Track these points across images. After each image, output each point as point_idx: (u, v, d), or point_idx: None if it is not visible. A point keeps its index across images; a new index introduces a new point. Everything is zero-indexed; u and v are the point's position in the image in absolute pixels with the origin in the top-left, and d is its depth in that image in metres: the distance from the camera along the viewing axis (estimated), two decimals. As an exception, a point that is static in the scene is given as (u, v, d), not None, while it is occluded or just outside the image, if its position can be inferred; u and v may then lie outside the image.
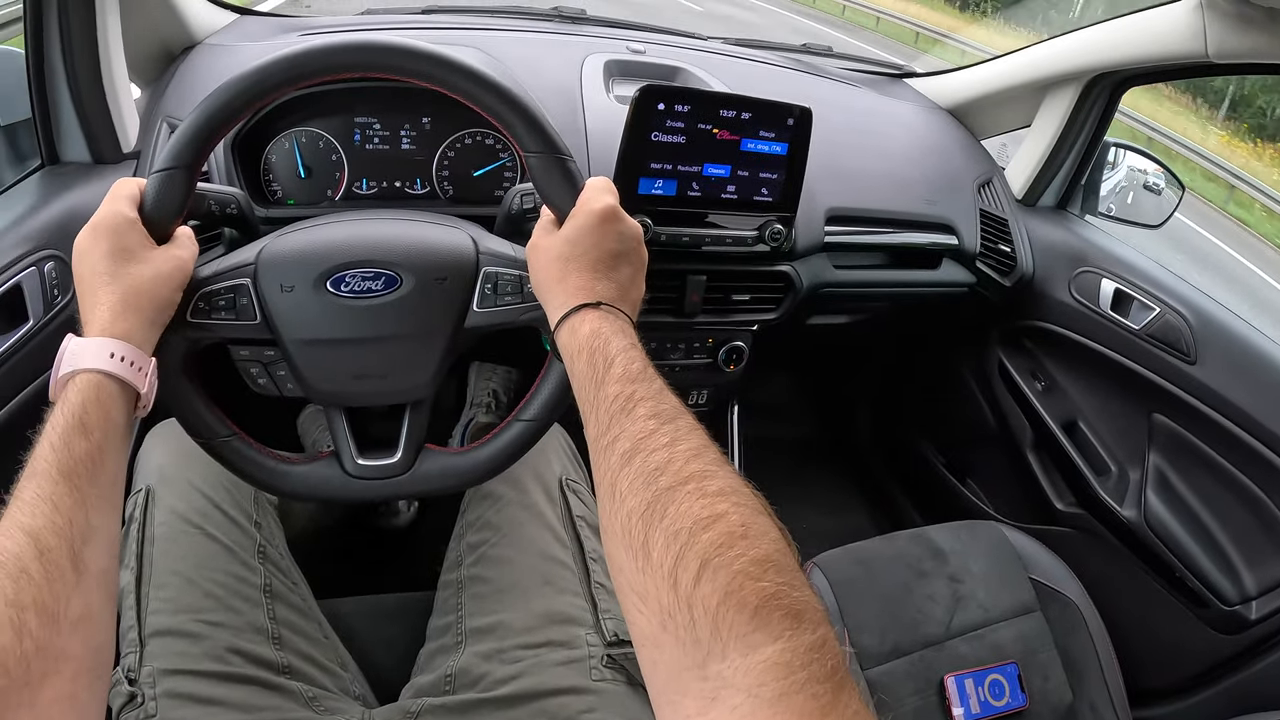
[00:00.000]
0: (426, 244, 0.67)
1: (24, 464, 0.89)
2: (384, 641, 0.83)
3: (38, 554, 0.43)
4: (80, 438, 0.48)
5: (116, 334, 0.54)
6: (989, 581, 1.00)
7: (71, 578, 0.44)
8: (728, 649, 0.36)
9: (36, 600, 0.42)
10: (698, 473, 0.43)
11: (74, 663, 0.43)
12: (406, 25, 1.20)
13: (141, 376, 0.55)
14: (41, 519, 0.45)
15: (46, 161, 0.94)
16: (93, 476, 0.48)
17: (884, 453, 1.62)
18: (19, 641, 0.40)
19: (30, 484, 0.46)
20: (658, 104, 0.85)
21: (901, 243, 1.09)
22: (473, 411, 1.33)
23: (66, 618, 0.43)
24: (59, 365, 0.52)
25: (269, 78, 0.60)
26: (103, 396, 0.51)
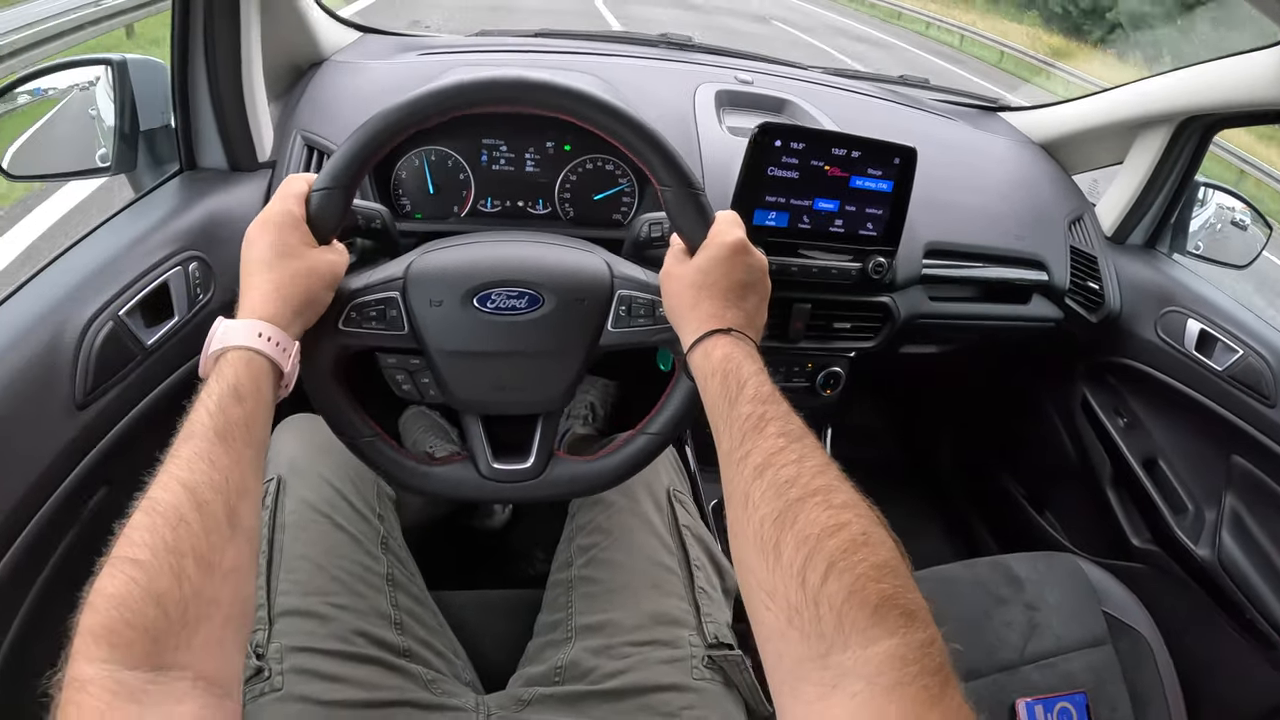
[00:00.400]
0: (567, 267, 0.72)
1: (171, 444, 0.98)
2: (490, 634, 0.88)
3: (195, 506, 0.47)
4: (235, 404, 0.53)
5: (264, 316, 0.59)
6: (1063, 612, 1.03)
7: (226, 530, 0.48)
8: (849, 642, 0.41)
9: (195, 548, 0.45)
10: (824, 486, 0.49)
11: (224, 610, 0.46)
12: (522, 49, 1.26)
13: (285, 357, 0.60)
14: (200, 475, 0.48)
15: (185, 167, 1.01)
16: (246, 439, 0.53)
17: (964, 480, 1.63)
18: (178, 585, 0.44)
19: (187, 444, 0.50)
20: (775, 141, 0.89)
21: (994, 277, 1.11)
22: (570, 423, 1.36)
23: (220, 567, 0.47)
24: (210, 343, 0.57)
25: (424, 109, 0.65)
26: (253, 370, 0.56)
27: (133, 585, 0.42)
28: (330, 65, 1.14)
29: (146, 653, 0.41)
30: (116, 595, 0.42)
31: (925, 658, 0.40)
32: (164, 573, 0.44)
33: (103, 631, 0.41)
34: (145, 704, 0.39)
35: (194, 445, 0.50)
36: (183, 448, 0.50)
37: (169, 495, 0.47)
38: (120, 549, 0.44)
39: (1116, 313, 1.21)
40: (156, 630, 0.42)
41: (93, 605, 0.42)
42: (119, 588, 0.42)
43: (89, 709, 0.38)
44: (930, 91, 1.44)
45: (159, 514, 0.46)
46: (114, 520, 0.85)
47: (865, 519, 0.47)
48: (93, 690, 0.39)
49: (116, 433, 0.79)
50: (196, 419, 0.52)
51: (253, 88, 0.97)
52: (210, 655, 0.44)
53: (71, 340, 0.74)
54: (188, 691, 0.42)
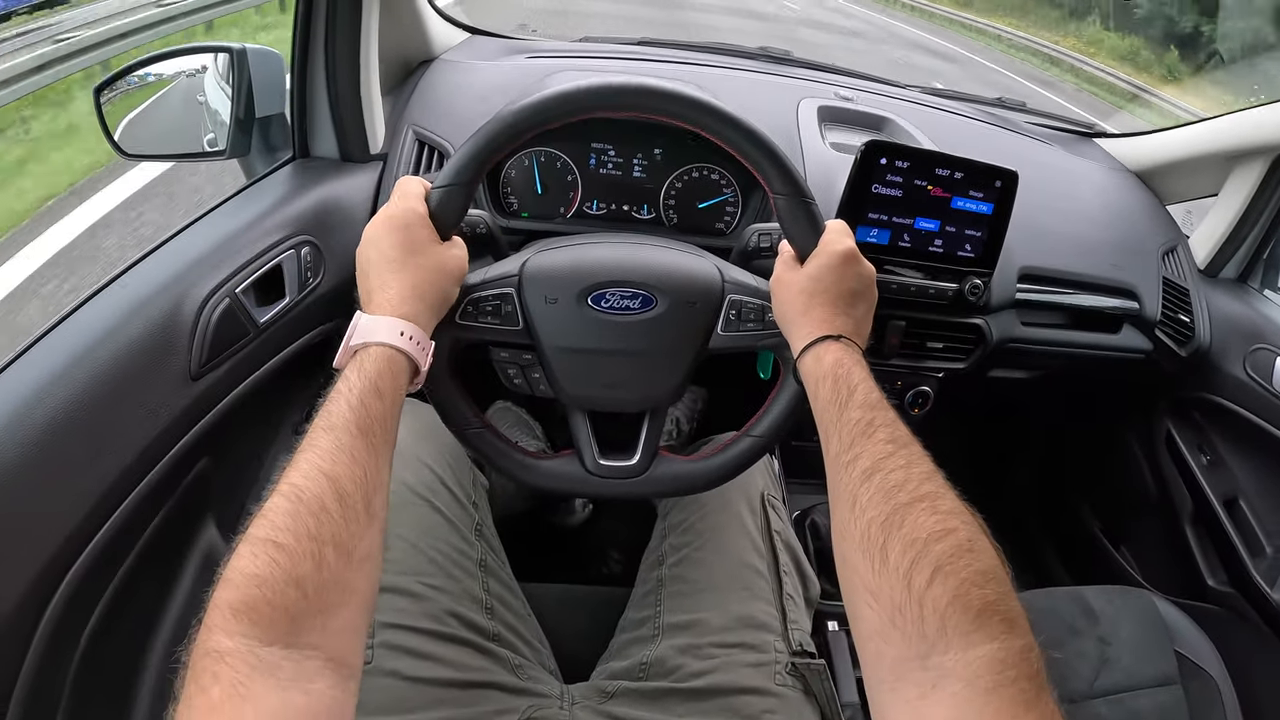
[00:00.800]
0: (681, 270, 0.74)
1: (278, 417, 1.01)
2: (571, 627, 0.89)
3: (337, 497, 0.49)
4: (375, 400, 0.55)
5: (404, 315, 0.60)
6: (1135, 648, 1.01)
7: (364, 520, 0.50)
8: (950, 644, 0.42)
9: (335, 537, 0.47)
10: (931, 493, 0.50)
11: (359, 596, 0.48)
12: (626, 55, 1.28)
13: (424, 355, 0.62)
14: (342, 467, 0.50)
15: (299, 154, 1.04)
16: (383, 435, 0.55)
17: (1040, 509, 1.61)
18: (318, 571, 0.45)
19: (329, 435, 0.52)
20: (880, 158, 0.90)
21: (1086, 305, 1.10)
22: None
23: (356, 555, 0.48)
24: (351, 337, 0.59)
25: (545, 111, 0.67)
26: (394, 368, 0.58)
27: (274, 567, 0.44)
28: (441, 63, 1.17)
29: (284, 631, 0.43)
30: (258, 575, 0.44)
31: (1023, 663, 0.41)
32: (305, 558, 0.45)
33: (243, 607, 0.42)
34: (281, 679, 0.41)
35: (336, 438, 0.52)
36: (323, 438, 0.52)
37: (313, 485, 0.49)
38: (262, 530, 0.46)
39: (1205, 347, 1.19)
40: (295, 611, 0.44)
41: (232, 582, 0.44)
42: (261, 568, 0.44)
43: (226, 679, 0.39)
44: (1027, 114, 1.42)
45: (302, 501, 0.47)
46: (210, 491, 0.89)
47: (970, 526, 0.48)
48: (231, 661, 0.40)
49: (223, 406, 0.83)
50: (337, 410, 0.54)
51: (369, 81, 1.00)
52: (342, 639, 0.46)
53: (190, 313, 0.78)
54: (319, 671, 0.43)
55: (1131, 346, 1.14)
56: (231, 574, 0.44)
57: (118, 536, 0.71)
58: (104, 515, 0.69)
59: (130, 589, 0.76)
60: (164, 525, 0.81)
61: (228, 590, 0.43)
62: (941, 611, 0.43)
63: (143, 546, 0.78)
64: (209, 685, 0.39)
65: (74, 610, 0.67)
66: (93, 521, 0.68)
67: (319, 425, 0.53)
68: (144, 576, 0.78)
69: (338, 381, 0.57)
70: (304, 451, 0.51)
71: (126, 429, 0.71)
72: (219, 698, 0.39)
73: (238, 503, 0.99)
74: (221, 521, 0.93)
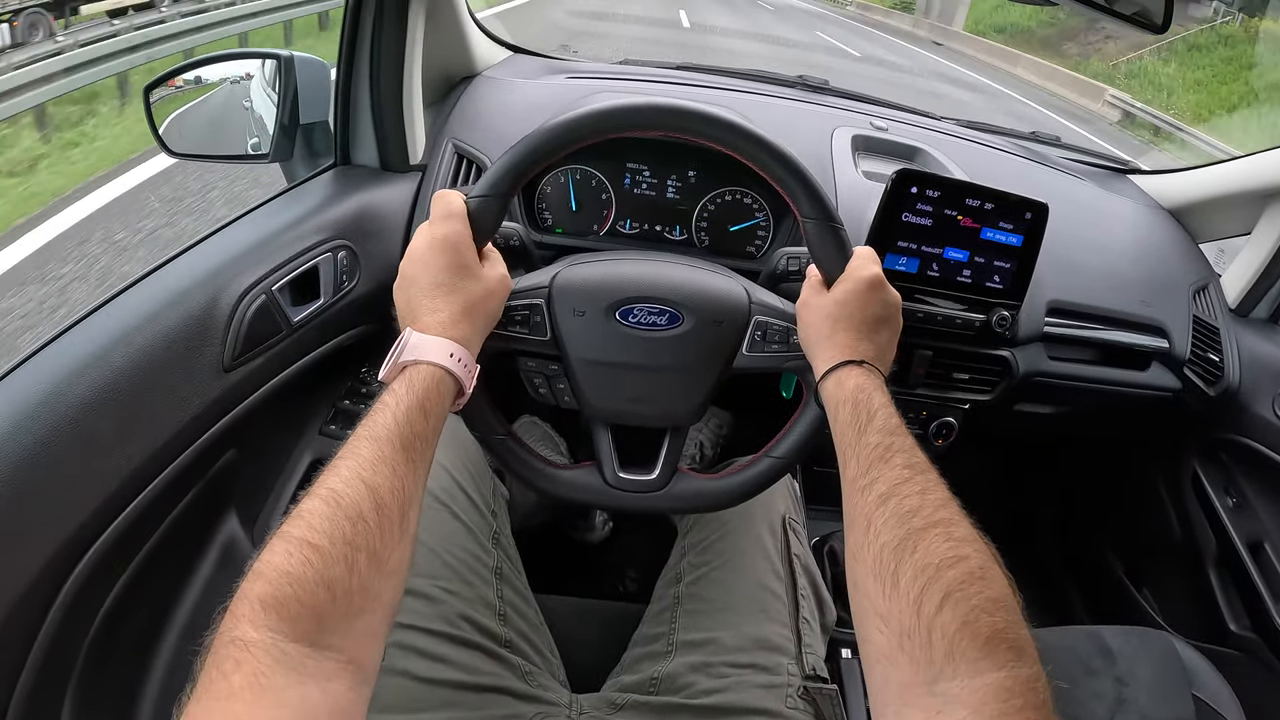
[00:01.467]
0: (708, 290, 0.74)
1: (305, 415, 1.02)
2: (583, 640, 0.89)
3: (375, 507, 0.49)
4: (421, 418, 0.56)
5: (454, 337, 0.61)
6: (1153, 691, 0.99)
7: (398, 533, 0.51)
8: (958, 671, 0.42)
9: (369, 545, 0.48)
10: (945, 519, 0.50)
11: (383, 605, 0.49)
12: (665, 79, 1.30)
13: (470, 377, 0.63)
14: (382, 479, 0.51)
15: (340, 161, 1.07)
16: (424, 453, 0.56)
17: (1062, 547, 1.59)
18: (349, 576, 0.46)
19: (371, 446, 0.53)
20: (911, 187, 0.90)
21: (1115, 341, 1.09)
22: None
23: (387, 566, 0.49)
24: (400, 352, 0.60)
25: (581, 128, 0.68)
26: (441, 388, 0.59)
27: (308, 567, 0.45)
28: (482, 80, 1.19)
29: (310, 630, 0.44)
30: (291, 573, 0.44)
31: (1030, 692, 0.41)
32: (339, 562, 0.46)
33: (273, 602, 0.43)
34: (302, 674, 0.42)
35: (378, 449, 0.53)
36: (366, 447, 0.53)
37: (352, 492, 0.49)
38: (297, 529, 0.47)
39: (1235, 387, 1.17)
40: (323, 611, 0.44)
41: (265, 576, 0.44)
42: (294, 566, 0.45)
43: (249, 668, 0.40)
44: (1061, 149, 1.42)
45: (341, 507, 0.48)
46: (234, 483, 0.91)
47: (983, 554, 0.48)
48: (255, 652, 0.41)
49: (253, 400, 0.85)
50: (382, 423, 0.54)
51: (411, 94, 1.03)
52: (364, 644, 0.47)
53: (227, 306, 0.80)
54: (338, 671, 0.44)
55: (1159, 385, 1.13)
56: (265, 568, 0.45)
57: (141, 519, 0.72)
58: (129, 497, 0.70)
59: (149, 572, 0.77)
60: (186, 512, 0.82)
61: (259, 583, 0.44)
62: (950, 638, 0.44)
63: (164, 531, 0.79)
64: (230, 672, 0.40)
65: (91, 587, 0.68)
66: (117, 501, 0.69)
67: (362, 434, 0.54)
68: (163, 561, 0.80)
69: (383, 394, 0.57)
70: (345, 458, 0.52)
71: (157, 414, 0.73)
72: (239, 684, 0.39)
73: (260, 497, 1.01)
74: (243, 514, 0.95)
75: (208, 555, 0.90)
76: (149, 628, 0.83)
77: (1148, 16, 0.85)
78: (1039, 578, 1.60)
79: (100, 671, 0.73)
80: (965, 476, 0.55)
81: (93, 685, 0.72)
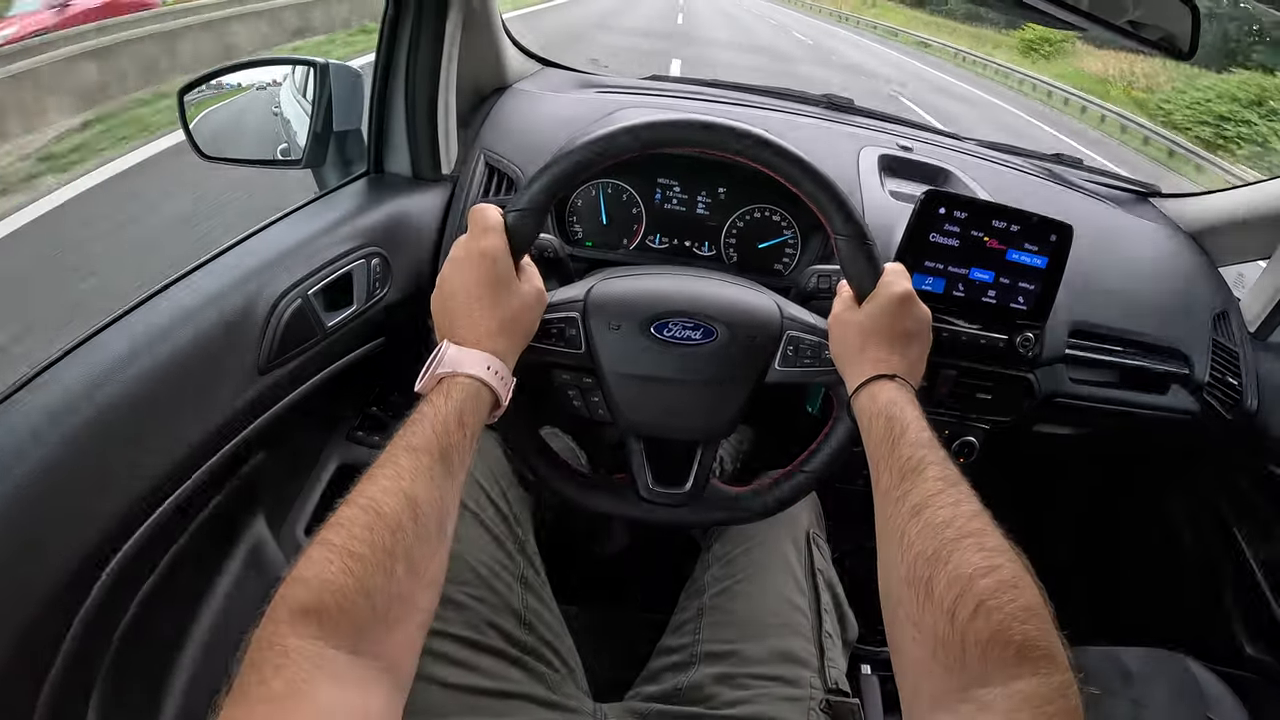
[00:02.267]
0: (742, 305, 0.76)
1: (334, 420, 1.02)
2: (608, 650, 0.90)
3: (414, 518, 0.50)
4: (458, 429, 0.57)
5: (492, 350, 0.62)
6: (1168, 712, 1.00)
7: (435, 543, 0.52)
8: (991, 678, 0.43)
9: (408, 554, 0.49)
10: (978, 530, 0.51)
11: (421, 615, 0.50)
12: (693, 96, 1.31)
13: (506, 390, 0.64)
14: (421, 489, 0.52)
15: (372, 170, 1.09)
16: (461, 463, 0.57)
17: (1079, 566, 1.59)
18: (389, 585, 0.47)
19: (411, 456, 0.53)
20: (940, 208, 0.91)
21: (1135, 364, 1.10)
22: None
23: (425, 576, 0.50)
24: (437, 363, 0.60)
25: (620, 143, 0.69)
26: (479, 400, 0.60)
27: (348, 575, 0.45)
28: (513, 92, 1.21)
29: (349, 638, 0.44)
30: (332, 581, 0.45)
31: (1062, 699, 0.42)
32: (378, 571, 0.47)
33: (314, 609, 0.44)
34: (342, 682, 0.42)
35: (417, 459, 0.53)
36: (404, 458, 0.53)
37: (393, 501, 0.50)
38: (338, 537, 0.47)
39: (1253, 412, 1.18)
40: (362, 620, 0.45)
41: (305, 582, 0.45)
42: (335, 574, 0.45)
43: (288, 674, 0.40)
44: (1084, 172, 1.43)
45: (381, 516, 0.49)
46: (263, 485, 0.91)
47: (1015, 564, 0.49)
48: (295, 659, 0.41)
49: (285, 403, 0.86)
50: (420, 433, 0.55)
51: (445, 104, 1.04)
52: (400, 651, 0.47)
53: (265, 309, 0.81)
54: (377, 679, 0.45)
55: (1178, 408, 1.13)
56: (305, 574, 0.45)
57: (173, 516, 0.73)
58: (163, 495, 0.71)
59: (178, 570, 0.78)
60: (216, 512, 0.83)
61: (299, 589, 0.44)
62: (983, 645, 0.44)
63: (195, 529, 0.80)
64: (270, 677, 0.40)
65: (123, 584, 0.69)
66: (151, 499, 0.70)
67: (400, 445, 0.55)
68: (191, 560, 0.81)
69: (421, 405, 0.58)
70: (383, 467, 0.53)
71: (194, 412, 0.74)
72: (280, 691, 0.40)
73: (288, 500, 1.02)
74: (270, 516, 0.96)
75: (235, 555, 0.91)
76: (177, 625, 0.84)
77: (1173, 42, 0.87)
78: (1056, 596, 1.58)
79: (128, 667, 0.74)
80: (983, 495, 0.56)
81: (120, 680, 0.73)
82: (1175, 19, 0.84)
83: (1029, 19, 0.88)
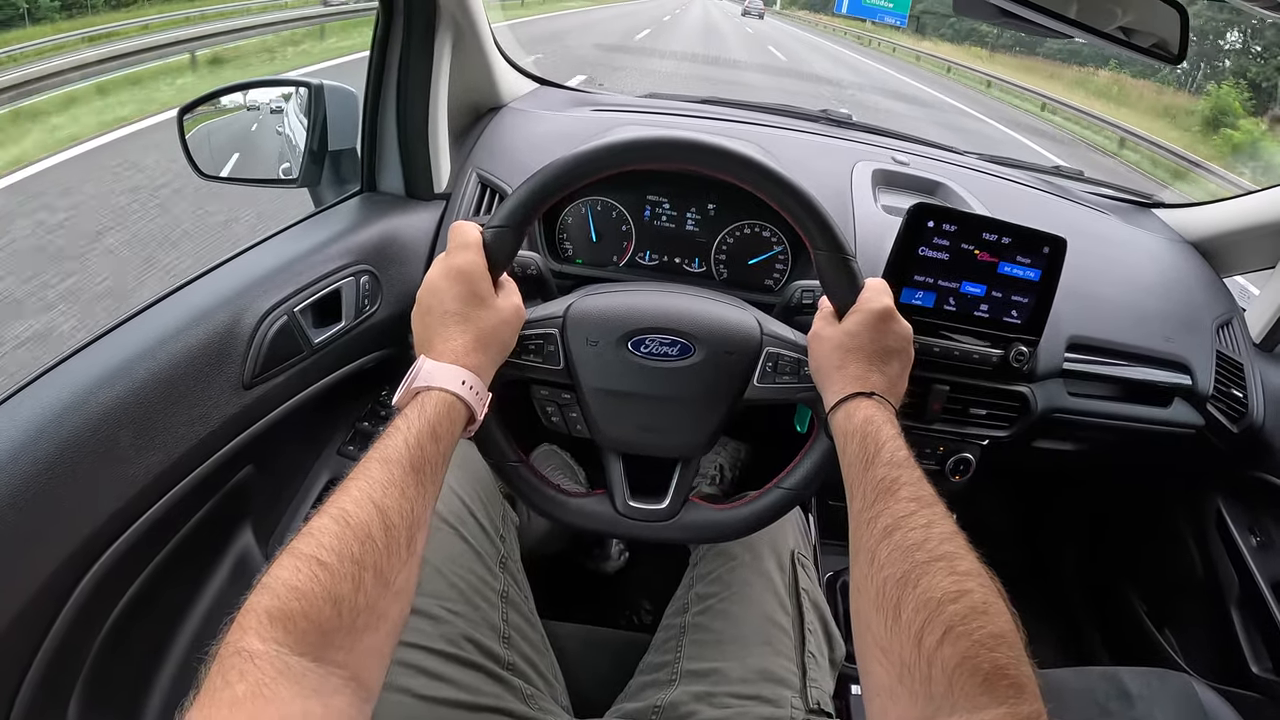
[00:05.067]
0: (720, 321, 0.75)
1: (323, 436, 1.03)
2: (589, 668, 0.89)
3: (384, 528, 0.50)
4: (432, 442, 0.57)
5: (468, 366, 0.62)
6: (1172, 734, 0.98)
7: (405, 554, 0.51)
8: (956, 706, 0.42)
9: (376, 565, 0.48)
10: (949, 553, 0.50)
11: (389, 624, 0.49)
12: (690, 113, 1.32)
13: (481, 404, 0.64)
14: (391, 500, 0.52)
15: (366, 188, 1.09)
16: (433, 477, 0.57)
17: (1083, 585, 1.57)
18: (356, 594, 0.46)
19: (382, 469, 0.53)
20: (928, 221, 0.90)
21: (1137, 377, 1.08)
22: (697, 482, 1.35)
23: (393, 586, 0.50)
24: (413, 378, 0.61)
25: (597, 161, 0.69)
26: (453, 414, 0.60)
27: (315, 583, 0.45)
28: (508, 111, 1.22)
29: (314, 645, 0.44)
30: (299, 588, 0.45)
31: None
32: (346, 579, 0.47)
33: (280, 615, 0.44)
34: (305, 688, 0.42)
35: (389, 471, 0.53)
36: (376, 470, 0.53)
37: (362, 512, 0.50)
38: (307, 547, 0.47)
39: (1259, 424, 1.15)
40: (329, 628, 0.45)
41: (272, 589, 0.45)
42: (302, 581, 0.45)
43: (253, 679, 0.40)
44: (1084, 184, 1.41)
45: (350, 526, 0.49)
46: (250, 498, 0.92)
47: (987, 589, 0.48)
48: (259, 664, 0.41)
49: (271, 418, 0.86)
50: (393, 446, 0.55)
51: (437, 124, 1.05)
52: (367, 661, 0.47)
53: (249, 325, 0.81)
54: (341, 688, 0.44)
55: (1182, 421, 1.11)
56: (272, 582, 0.45)
57: (156, 527, 0.74)
58: (145, 505, 0.72)
59: (161, 580, 0.79)
60: (202, 524, 0.84)
61: (266, 596, 0.44)
62: (950, 673, 0.43)
63: (179, 541, 0.81)
64: (235, 681, 0.40)
65: (104, 592, 0.70)
66: (133, 509, 0.71)
67: (374, 457, 0.55)
68: (176, 571, 0.81)
69: (396, 418, 0.58)
70: (356, 479, 0.53)
71: (177, 426, 0.75)
72: (243, 694, 0.40)
73: (276, 514, 1.03)
74: (258, 530, 0.96)
75: (221, 568, 0.91)
76: (159, 635, 0.84)
77: (1165, 47, 0.86)
78: (1060, 615, 1.58)
79: (108, 675, 0.75)
80: (986, 513, 0.55)
81: (100, 688, 0.73)
82: (1164, 23, 0.83)
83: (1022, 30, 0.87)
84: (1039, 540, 1.68)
